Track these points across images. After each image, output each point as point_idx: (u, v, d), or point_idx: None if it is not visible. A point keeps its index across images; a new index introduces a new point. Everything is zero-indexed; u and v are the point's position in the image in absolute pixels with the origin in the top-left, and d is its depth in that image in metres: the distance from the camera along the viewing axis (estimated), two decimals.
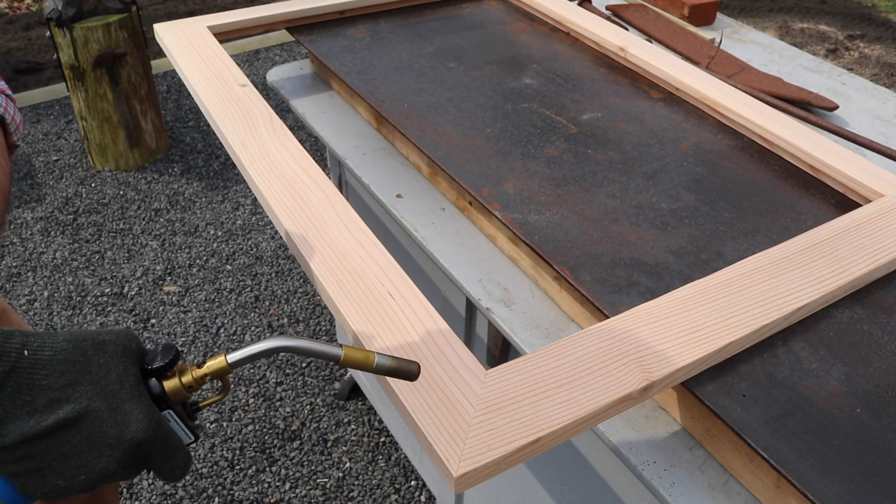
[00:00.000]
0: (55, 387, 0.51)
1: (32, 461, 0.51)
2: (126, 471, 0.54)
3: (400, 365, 0.61)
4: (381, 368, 0.61)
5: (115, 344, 0.55)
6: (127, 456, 0.53)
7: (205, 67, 1.20)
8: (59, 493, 0.53)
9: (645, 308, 0.78)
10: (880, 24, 4.38)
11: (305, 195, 0.93)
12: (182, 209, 2.84)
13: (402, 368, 0.61)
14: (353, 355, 0.60)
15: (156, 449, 0.56)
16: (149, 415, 0.55)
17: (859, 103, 1.41)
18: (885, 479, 0.67)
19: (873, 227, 0.92)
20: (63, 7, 2.67)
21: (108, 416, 0.53)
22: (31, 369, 0.51)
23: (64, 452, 0.52)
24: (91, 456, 0.52)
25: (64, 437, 0.51)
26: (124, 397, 0.54)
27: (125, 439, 0.53)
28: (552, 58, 1.36)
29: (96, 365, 0.53)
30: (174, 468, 0.57)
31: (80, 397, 0.52)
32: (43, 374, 0.51)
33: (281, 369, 2.19)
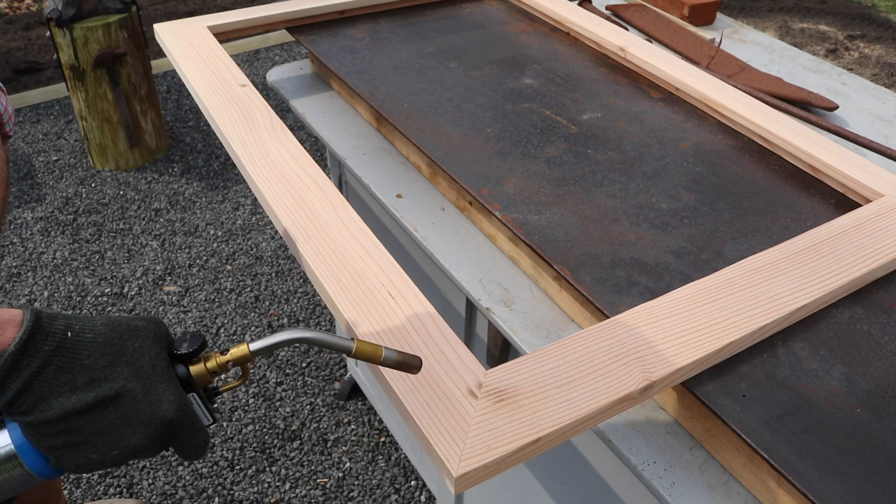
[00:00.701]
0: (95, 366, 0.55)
1: (71, 436, 0.55)
2: (154, 447, 0.58)
3: (405, 359, 0.65)
4: (388, 361, 0.64)
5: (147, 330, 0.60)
6: (157, 433, 0.57)
7: (205, 67, 1.20)
8: (91, 466, 0.57)
9: (645, 308, 0.78)
10: (880, 24, 4.38)
11: (305, 195, 0.93)
12: (182, 209, 2.84)
13: (406, 362, 0.65)
14: (363, 348, 0.64)
15: (182, 428, 0.59)
16: (178, 396, 0.59)
17: (859, 103, 1.41)
18: (885, 479, 0.67)
19: (873, 227, 0.92)
20: (63, 7, 2.67)
21: (142, 396, 0.57)
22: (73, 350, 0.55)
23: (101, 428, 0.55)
24: (125, 432, 0.56)
25: (102, 413, 0.55)
26: (157, 379, 0.58)
27: (157, 418, 0.57)
28: (552, 58, 1.36)
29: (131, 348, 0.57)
30: (196, 447, 0.61)
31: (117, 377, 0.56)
32: (84, 354, 0.55)
33: (281, 369, 2.19)
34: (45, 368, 0.54)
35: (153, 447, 0.58)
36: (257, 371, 2.18)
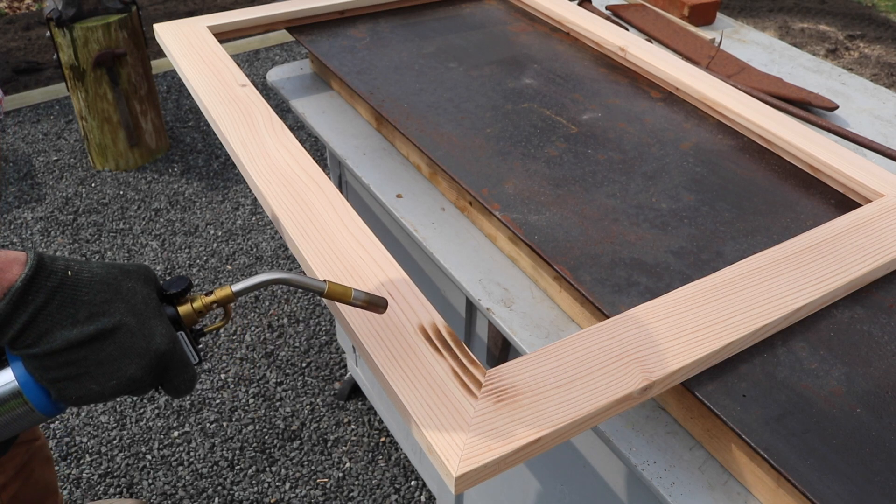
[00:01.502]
0: (94, 302, 0.60)
1: (73, 367, 0.59)
2: (149, 377, 0.62)
3: (372, 299, 0.71)
4: (358, 301, 0.70)
5: (139, 272, 0.65)
6: (151, 364, 0.62)
7: (205, 67, 1.20)
8: (91, 397, 0.61)
9: (645, 308, 0.78)
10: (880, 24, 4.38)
11: (305, 195, 0.93)
12: (182, 209, 2.84)
13: (373, 302, 0.71)
14: (334, 289, 0.69)
15: (174, 361, 0.64)
16: (169, 331, 0.64)
17: (859, 103, 1.41)
18: (885, 479, 0.67)
19: (873, 227, 0.92)
20: (63, 7, 2.67)
21: (137, 330, 0.61)
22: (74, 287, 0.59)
23: (100, 359, 0.60)
24: (122, 363, 0.61)
25: (101, 345, 0.60)
26: (149, 315, 0.63)
27: (151, 350, 0.62)
28: (552, 58, 1.36)
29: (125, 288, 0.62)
30: (184, 381, 0.66)
31: (114, 312, 0.60)
32: (84, 291, 0.60)
33: (281, 369, 2.20)
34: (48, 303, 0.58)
35: (148, 377, 0.62)
36: (257, 371, 2.18)
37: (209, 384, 2.14)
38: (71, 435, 2.00)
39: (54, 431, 2.00)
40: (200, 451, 1.97)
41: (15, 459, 1.35)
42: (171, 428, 2.02)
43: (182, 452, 1.96)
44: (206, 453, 1.96)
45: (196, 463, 1.94)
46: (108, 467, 1.92)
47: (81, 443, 1.98)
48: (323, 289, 0.69)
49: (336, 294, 0.70)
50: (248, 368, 2.20)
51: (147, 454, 1.96)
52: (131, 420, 2.04)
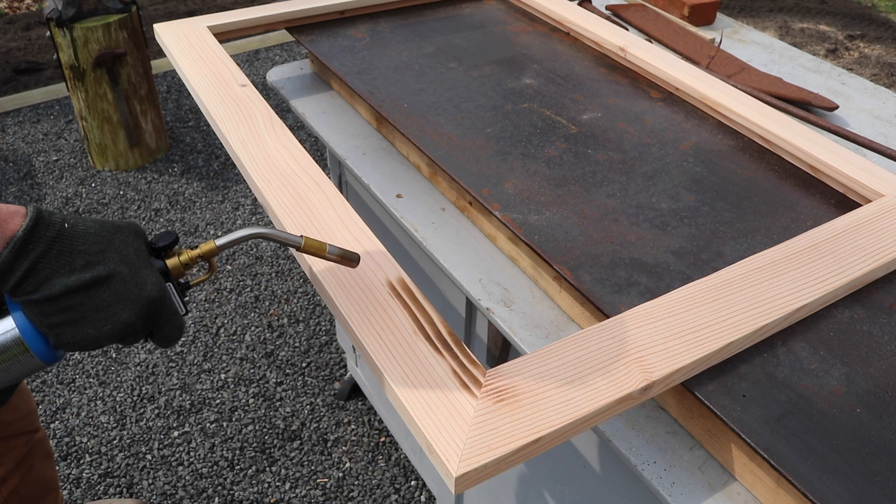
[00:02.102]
0: (90, 252, 0.64)
1: (70, 313, 0.63)
2: (141, 323, 0.66)
3: (345, 253, 0.76)
4: (332, 255, 0.75)
5: (129, 227, 0.69)
6: (144, 310, 0.66)
7: (205, 67, 1.20)
8: (87, 342, 0.64)
9: (645, 308, 0.78)
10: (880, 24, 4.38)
11: (305, 195, 0.93)
12: (182, 209, 2.84)
13: (346, 256, 0.76)
14: (310, 244, 0.74)
15: (164, 308, 0.68)
16: (159, 280, 0.68)
17: (859, 103, 1.41)
18: (885, 479, 0.67)
19: (873, 227, 0.92)
20: (63, 7, 2.67)
21: (129, 278, 0.65)
22: (71, 237, 0.63)
23: (95, 305, 0.64)
24: (116, 308, 0.65)
25: (96, 292, 0.64)
26: (140, 265, 0.67)
27: (143, 296, 0.66)
28: (552, 58, 1.36)
29: (118, 240, 0.66)
30: (173, 329, 0.70)
31: (108, 261, 0.64)
32: (80, 241, 0.64)
33: (281, 369, 2.20)
34: (47, 252, 0.62)
35: (140, 322, 0.66)
36: (257, 371, 2.18)
37: (209, 384, 2.14)
38: (71, 435, 2.00)
39: (54, 431, 2.00)
40: (200, 451, 1.97)
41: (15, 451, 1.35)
42: (171, 428, 2.02)
43: (182, 452, 1.96)
44: (206, 453, 1.96)
45: (196, 463, 1.94)
46: (108, 467, 1.92)
47: (81, 443, 1.98)
48: (300, 243, 0.74)
49: (312, 248, 0.74)
50: (248, 368, 2.20)
51: (147, 454, 1.96)
52: (131, 420, 2.04)
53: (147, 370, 2.18)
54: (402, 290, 0.80)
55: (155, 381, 2.15)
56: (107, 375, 2.17)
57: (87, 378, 2.16)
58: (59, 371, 2.17)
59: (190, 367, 2.20)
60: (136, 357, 2.22)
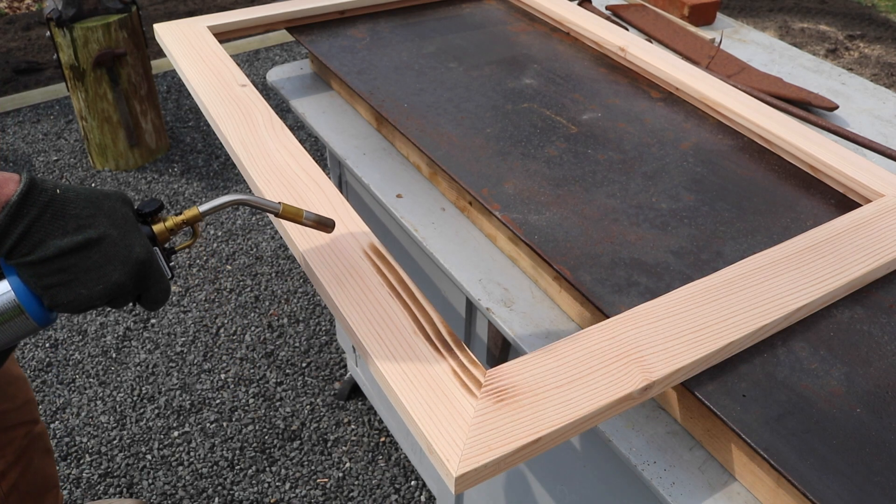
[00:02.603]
0: (81, 216, 0.67)
1: (64, 274, 0.66)
2: (131, 283, 0.69)
3: (321, 219, 0.80)
4: (308, 220, 0.79)
5: (117, 195, 0.72)
6: (133, 271, 0.69)
7: (205, 67, 1.20)
8: (80, 302, 0.67)
9: (645, 308, 0.78)
10: (880, 24, 4.39)
11: (305, 195, 0.93)
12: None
13: (322, 221, 0.80)
14: (288, 209, 0.78)
15: (151, 270, 0.71)
16: (147, 243, 0.72)
17: (859, 103, 1.41)
18: (885, 479, 0.67)
19: (873, 227, 0.92)
20: (63, 7, 2.67)
21: (119, 241, 0.68)
22: (63, 202, 0.66)
23: (87, 266, 0.67)
24: (107, 269, 0.68)
25: (88, 254, 0.67)
26: (129, 229, 0.70)
27: (132, 258, 0.69)
28: (552, 58, 1.36)
29: (107, 205, 0.69)
30: (160, 291, 0.73)
31: (98, 225, 0.68)
32: (72, 206, 0.67)
33: (281, 369, 2.20)
34: (41, 216, 0.65)
35: (130, 283, 0.69)
36: (257, 371, 2.18)
37: (209, 384, 2.15)
38: (71, 435, 2.00)
39: (54, 431, 2.00)
40: (200, 451, 1.97)
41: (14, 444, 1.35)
42: (171, 428, 2.02)
43: (182, 452, 1.96)
44: (206, 453, 1.96)
45: (196, 463, 1.94)
46: (108, 467, 1.92)
47: (81, 443, 1.98)
48: (278, 209, 0.78)
49: (289, 214, 0.78)
50: (248, 368, 2.20)
51: (147, 454, 1.96)
52: (131, 420, 2.04)
53: (147, 370, 2.18)
54: (402, 289, 0.80)
55: (155, 381, 2.15)
56: (107, 375, 2.17)
57: (87, 378, 2.16)
58: (59, 371, 2.17)
59: (190, 367, 2.20)
60: (136, 357, 2.22)
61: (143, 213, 0.74)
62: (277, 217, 0.78)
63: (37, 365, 2.19)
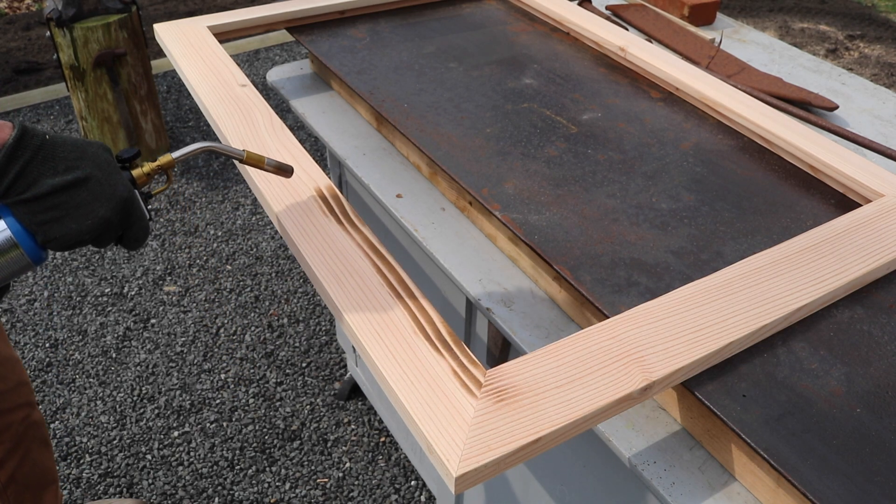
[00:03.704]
0: (69, 158, 0.73)
1: (56, 210, 0.72)
2: (116, 218, 0.75)
3: (281, 165, 0.88)
4: (270, 166, 0.87)
5: (98, 143, 0.78)
6: (118, 207, 0.75)
7: (205, 67, 1.20)
8: (71, 237, 0.73)
9: (645, 308, 0.78)
10: (880, 24, 4.39)
11: (305, 195, 0.93)
12: (182, 209, 2.84)
13: (282, 167, 0.88)
14: (251, 156, 0.86)
15: (133, 208, 0.77)
16: (128, 184, 0.78)
17: (859, 103, 1.41)
18: (885, 479, 0.67)
19: (873, 227, 0.92)
20: (63, 7, 2.67)
21: (104, 180, 0.75)
22: (52, 146, 0.73)
23: (77, 203, 0.73)
24: (95, 206, 0.74)
25: (77, 192, 0.73)
26: (111, 171, 0.76)
27: (116, 195, 0.75)
28: (552, 58, 1.36)
29: (90, 151, 0.75)
30: (141, 229, 0.79)
31: (85, 166, 0.74)
32: (60, 150, 0.73)
33: (281, 369, 2.20)
34: (34, 158, 0.71)
35: (115, 218, 0.75)
36: (257, 371, 2.18)
37: (209, 384, 2.15)
38: (71, 435, 2.00)
39: (54, 431, 2.00)
40: (200, 451, 1.97)
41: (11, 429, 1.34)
42: (171, 428, 2.02)
43: (182, 452, 1.96)
44: (206, 453, 1.96)
45: (196, 463, 1.94)
46: (108, 467, 1.92)
47: (81, 443, 1.98)
48: (242, 156, 0.85)
49: (252, 160, 0.86)
50: (248, 368, 2.20)
51: (147, 454, 1.96)
52: (131, 420, 2.04)
53: (147, 370, 2.18)
54: (402, 289, 0.80)
55: (155, 381, 2.15)
56: (107, 375, 2.17)
57: (87, 378, 2.16)
58: (59, 371, 2.17)
59: (190, 367, 2.20)
60: (136, 357, 2.22)
61: (122, 158, 0.81)
62: (242, 163, 0.86)
63: (37, 365, 2.19)
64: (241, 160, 0.85)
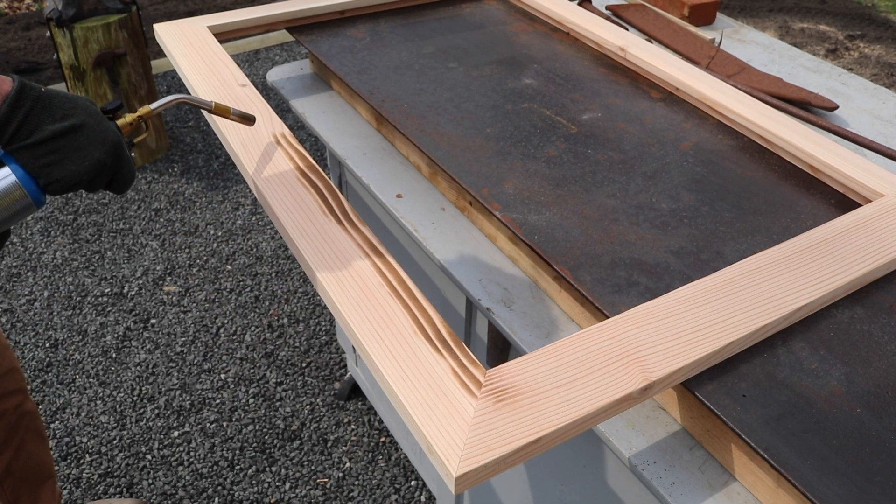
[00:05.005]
0: (64, 108, 0.81)
1: (56, 154, 0.80)
2: (109, 159, 0.83)
3: (245, 114, 1.00)
4: (235, 115, 0.99)
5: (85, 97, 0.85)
6: (111, 150, 0.83)
7: (205, 67, 1.20)
8: (70, 178, 0.80)
9: (645, 308, 0.78)
10: (880, 24, 4.39)
11: (305, 195, 0.93)
12: (182, 209, 2.84)
13: (245, 116, 1.00)
14: (219, 106, 0.97)
15: (123, 152, 0.85)
16: (117, 130, 0.86)
17: (859, 103, 1.41)
18: (885, 479, 0.67)
19: (873, 227, 0.92)
20: (63, 7, 2.67)
21: (96, 126, 0.82)
22: (48, 97, 0.80)
23: (75, 146, 0.80)
24: (91, 149, 0.81)
25: (74, 137, 0.80)
26: (101, 119, 0.84)
27: (108, 140, 0.83)
28: (552, 58, 1.36)
29: (81, 102, 0.83)
30: (129, 172, 0.87)
31: (79, 115, 0.81)
32: (56, 100, 0.80)
33: (281, 369, 2.20)
34: (34, 107, 0.79)
35: (108, 160, 0.83)
36: (257, 371, 2.18)
37: (209, 384, 2.15)
38: (71, 435, 2.00)
39: (54, 431, 2.00)
40: (200, 451, 1.97)
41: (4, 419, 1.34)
42: (171, 428, 2.02)
43: (182, 452, 1.96)
44: (206, 453, 1.96)
45: (196, 463, 1.94)
46: (108, 467, 1.92)
47: (81, 443, 1.98)
48: (211, 106, 0.96)
49: (220, 110, 0.97)
50: (248, 368, 2.20)
51: (147, 454, 1.96)
52: (131, 420, 2.04)
53: (147, 370, 2.18)
54: (402, 289, 0.80)
55: (155, 381, 2.15)
56: (107, 375, 2.17)
57: (87, 378, 2.16)
58: (59, 371, 2.17)
59: (190, 367, 2.20)
60: (136, 357, 2.22)
61: (107, 110, 0.88)
62: (210, 113, 0.97)
63: (37, 365, 2.19)
64: (209, 110, 0.96)
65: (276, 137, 1.04)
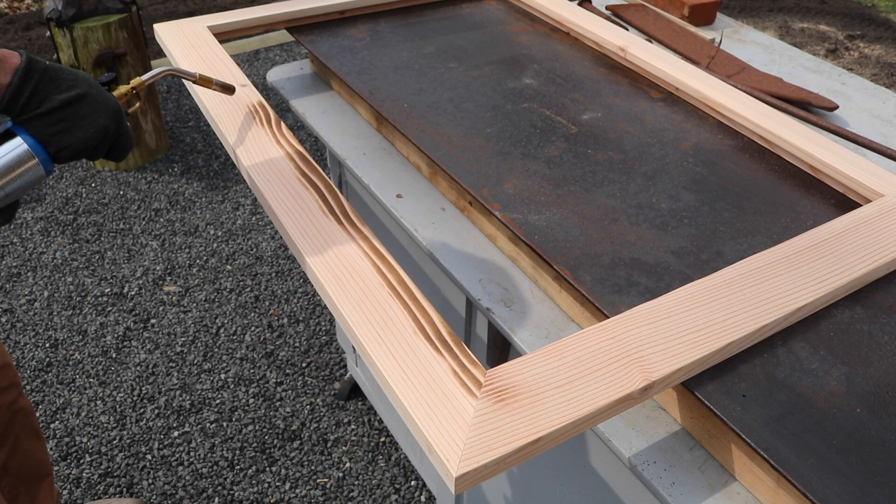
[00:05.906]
0: (68, 79, 0.87)
1: (65, 122, 0.85)
2: (112, 125, 0.89)
3: (225, 84, 1.08)
4: (217, 85, 1.07)
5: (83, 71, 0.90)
6: (114, 116, 0.89)
7: (205, 67, 1.20)
8: (79, 144, 0.86)
9: (645, 308, 0.78)
10: (880, 24, 4.39)
11: (304, 195, 0.93)
12: (182, 209, 2.84)
13: (225, 86, 1.09)
14: (203, 77, 1.05)
15: (122, 120, 0.91)
16: (116, 99, 0.92)
17: (859, 103, 1.41)
18: (885, 479, 0.67)
19: (873, 227, 0.92)
20: (63, 7, 2.67)
21: (98, 96, 0.88)
22: (54, 70, 0.86)
23: (81, 114, 0.86)
24: (95, 116, 0.87)
25: (80, 105, 0.86)
26: (101, 90, 0.90)
27: (111, 107, 0.89)
28: (552, 58, 1.36)
29: (81, 74, 0.89)
30: (128, 139, 0.93)
31: (82, 86, 0.87)
32: (60, 73, 0.86)
33: (281, 369, 2.20)
34: (42, 79, 0.84)
35: (112, 126, 0.89)
36: (257, 371, 2.18)
37: (209, 384, 2.15)
38: (71, 435, 2.00)
39: (54, 431, 2.00)
40: (200, 451, 1.97)
41: None
42: (171, 428, 2.02)
43: (182, 452, 1.96)
44: (206, 453, 1.96)
45: (196, 463, 1.94)
46: (108, 467, 1.92)
47: (81, 443, 1.98)
48: (195, 77, 1.04)
49: (203, 80, 1.05)
50: (248, 368, 2.20)
51: (147, 454, 1.96)
52: (131, 420, 2.04)
53: (147, 370, 2.18)
54: (402, 289, 0.80)
55: (155, 381, 2.15)
56: (107, 375, 2.17)
57: (87, 378, 2.16)
58: (59, 371, 2.17)
59: (190, 367, 2.20)
60: (136, 357, 2.22)
61: (103, 82, 0.95)
62: (195, 84, 1.04)
63: (37, 365, 2.19)
64: (194, 81, 1.03)
65: (276, 137, 1.04)
